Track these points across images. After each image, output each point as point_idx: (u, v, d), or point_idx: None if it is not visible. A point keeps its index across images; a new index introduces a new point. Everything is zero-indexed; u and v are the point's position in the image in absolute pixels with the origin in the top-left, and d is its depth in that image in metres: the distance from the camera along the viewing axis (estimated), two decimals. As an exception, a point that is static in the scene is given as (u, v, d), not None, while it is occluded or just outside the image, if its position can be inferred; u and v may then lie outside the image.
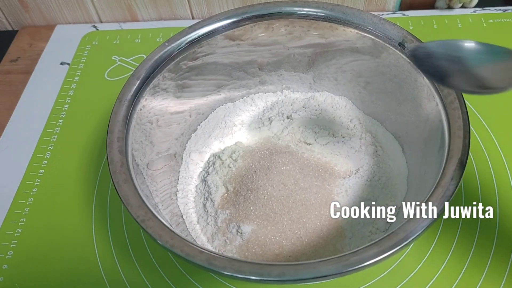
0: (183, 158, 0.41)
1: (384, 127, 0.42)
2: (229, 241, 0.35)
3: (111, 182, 0.31)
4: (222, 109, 0.44)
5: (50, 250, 0.38)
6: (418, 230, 0.26)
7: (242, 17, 0.39)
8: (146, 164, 0.35)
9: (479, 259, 0.35)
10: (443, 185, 0.27)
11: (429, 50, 0.30)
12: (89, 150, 0.45)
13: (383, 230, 0.35)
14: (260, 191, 0.36)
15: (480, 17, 0.54)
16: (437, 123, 0.32)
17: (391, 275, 0.35)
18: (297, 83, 0.45)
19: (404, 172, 0.38)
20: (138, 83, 0.35)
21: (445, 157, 0.29)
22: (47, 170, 0.44)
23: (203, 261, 0.25)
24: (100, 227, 0.39)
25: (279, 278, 0.25)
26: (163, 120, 0.38)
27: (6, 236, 0.39)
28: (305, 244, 0.34)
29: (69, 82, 0.52)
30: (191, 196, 0.39)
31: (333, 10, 0.38)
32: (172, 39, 0.38)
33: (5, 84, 0.53)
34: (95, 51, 0.55)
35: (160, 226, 0.27)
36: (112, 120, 0.33)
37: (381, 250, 0.25)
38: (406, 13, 0.56)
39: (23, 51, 0.57)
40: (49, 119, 0.48)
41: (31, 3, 0.57)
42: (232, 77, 0.43)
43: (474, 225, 0.37)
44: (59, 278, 0.37)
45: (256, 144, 0.42)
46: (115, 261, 0.37)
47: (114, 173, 0.30)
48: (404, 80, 0.37)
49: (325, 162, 0.40)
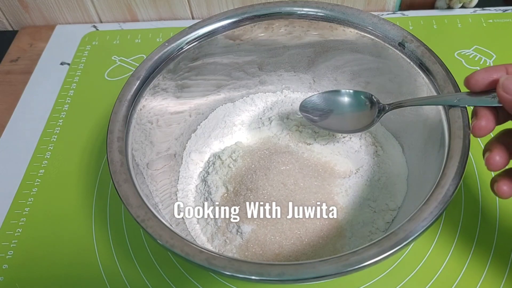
0: (183, 158, 0.41)
1: (384, 127, 0.42)
2: (229, 241, 0.35)
3: (111, 182, 0.31)
4: (222, 109, 0.44)
5: (50, 250, 0.38)
6: (418, 230, 0.26)
7: (242, 17, 0.39)
8: (146, 164, 0.35)
9: (479, 259, 0.35)
10: (443, 185, 0.27)
11: (312, 101, 0.40)
12: (89, 150, 0.45)
13: (383, 230, 0.35)
14: (260, 191, 0.36)
15: (480, 17, 0.54)
16: (437, 123, 0.32)
17: (391, 275, 0.35)
18: (297, 83, 0.45)
19: (404, 172, 0.38)
20: (138, 83, 0.35)
21: (445, 157, 0.29)
22: (47, 170, 0.44)
23: (203, 261, 0.25)
24: (100, 227, 0.39)
25: (279, 278, 0.25)
26: (163, 120, 0.38)
27: (6, 236, 0.39)
28: (305, 244, 0.34)
29: (69, 82, 0.52)
30: (191, 196, 0.39)
31: (333, 10, 0.38)
32: (172, 39, 0.38)
33: (5, 84, 0.53)
34: (95, 51, 0.55)
35: (160, 226, 0.27)
36: (112, 120, 0.33)
37: (381, 250, 0.25)
38: (406, 13, 0.56)
39: (23, 51, 0.57)
40: (49, 119, 0.48)
41: (31, 3, 0.57)
42: (232, 77, 0.43)
43: (474, 225, 0.37)
44: (59, 277, 0.37)
45: (256, 144, 0.42)
46: (115, 261, 0.37)
47: (114, 173, 0.30)
48: (404, 80, 0.37)
49: (325, 162, 0.40)
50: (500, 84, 0.28)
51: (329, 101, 0.40)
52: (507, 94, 0.27)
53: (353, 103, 0.39)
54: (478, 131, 0.29)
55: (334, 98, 0.40)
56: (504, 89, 0.27)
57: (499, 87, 0.28)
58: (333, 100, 0.40)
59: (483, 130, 0.29)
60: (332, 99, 0.40)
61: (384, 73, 0.39)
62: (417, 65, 0.35)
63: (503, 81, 0.28)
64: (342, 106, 0.39)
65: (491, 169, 0.28)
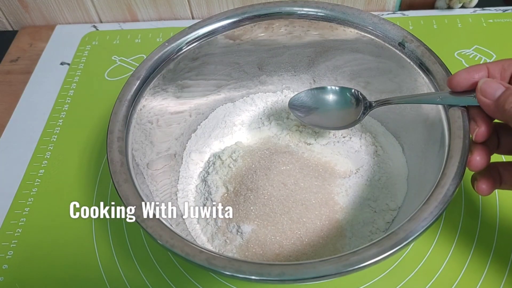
0: (183, 158, 0.41)
1: (384, 127, 0.42)
2: (229, 241, 0.35)
3: (111, 182, 0.31)
4: (222, 109, 0.44)
5: (50, 250, 0.38)
6: (418, 230, 0.26)
7: (242, 17, 0.39)
8: (146, 164, 0.35)
9: (479, 259, 0.35)
10: (443, 185, 0.27)
11: (300, 98, 0.40)
12: (89, 150, 0.45)
13: (383, 230, 0.35)
14: (260, 191, 0.36)
15: (480, 17, 0.54)
16: (437, 123, 0.32)
17: (391, 275, 0.35)
18: (297, 83, 0.45)
19: (404, 172, 0.38)
20: (138, 83, 0.35)
21: (445, 157, 0.29)
22: (47, 170, 0.44)
23: (203, 260, 0.25)
24: (100, 227, 0.39)
25: (279, 278, 0.25)
26: (163, 120, 0.38)
27: (6, 236, 0.39)
28: (305, 244, 0.34)
29: (69, 82, 0.52)
30: (191, 196, 0.39)
31: (333, 10, 0.38)
32: (172, 39, 0.38)
33: (5, 84, 0.53)
34: (95, 51, 0.55)
35: (160, 226, 0.27)
36: (112, 120, 0.33)
37: (381, 250, 0.25)
38: (406, 13, 0.56)
39: (23, 51, 0.57)
40: (49, 119, 0.48)
41: (31, 3, 0.57)
42: (232, 77, 0.43)
43: (474, 225, 0.37)
44: (59, 277, 0.37)
45: (256, 144, 0.42)
46: (115, 261, 0.37)
47: (114, 173, 0.30)
48: (404, 80, 0.37)
49: (325, 162, 0.40)
50: (478, 88, 0.29)
51: (317, 98, 0.40)
52: (485, 98, 0.28)
53: (339, 100, 0.40)
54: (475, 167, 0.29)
55: (321, 95, 0.40)
56: (482, 93, 0.28)
57: (478, 91, 0.29)
58: (321, 97, 0.40)
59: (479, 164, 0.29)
60: (319, 96, 0.40)
61: (384, 73, 0.39)
62: (417, 65, 0.35)
63: (481, 85, 0.29)
64: (328, 103, 0.40)
65: (472, 170, 0.29)
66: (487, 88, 0.28)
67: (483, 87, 0.28)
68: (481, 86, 0.28)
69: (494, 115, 0.28)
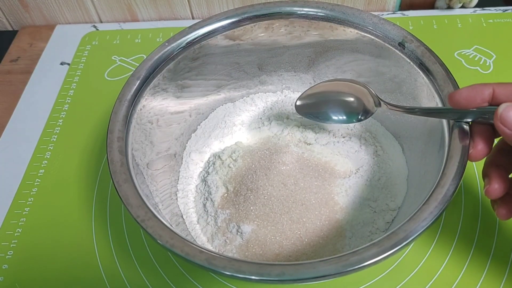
0: (183, 158, 0.41)
1: (384, 127, 0.42)
2: (229, 241, 0.35)
3: (111, 182, 0.31)
4: (222, 109, 0.44)
5: (50, 250, 0.38)
6: (418, 230, 0.26)
7: (242, 17, 0.39)
8: (146, 164, 0.35)
9: (479, 260, 0.35)
10: (443, 185, 0.27)
11: (303, 97, 0.39)
12: (89, 150, 0.45)
13: (383, 230, 0.35)
14: (260, 191, 0.36)
15: (480, 17, 0.54)
16: (437, 123, 0.32)
17: (391, 275, 0.35)
18: (297, 83, 0.45)
19: (404, 172, 0.38)
20: (138, 83, 0.35)
21: (445, 157, 0.29)
22: (47, 170, 0.44)
23: (203, 261, 0.26)
24: (100, 227, 0.39)
25: (279, 278, 0.25)
26: (163, 120, 0.38)
27: (6, 236, 0.39)
28: (305, 244, 0.34)
29: (69, 82, 0.52)
30: (191, 196, 0.39)
31: (333, 10, 0.38)
32: (172, 39, 0.38)
33: (5, 84, 0.53)
34: (95, 51, 0.55)
35: (160, 226, 0.27)
36: (112, 120, 0.33)
37: (381, 250, 0.25)
38: (406, 13, 0.56)
39: (23, 51, 0.57)
40: (49, 119, 0.48)
41: (31, 3, 0.57)
42: (232, 77, 0.43)
43: (474, 226, 0.37)
44: (59, 277, 0.37)
45: (256, 144, 0.42)
46: (115, 261, 0.37)
47: (114, 173, 0.30)
48: (404, 80, 0.37)
49: (325, 162, 0.40)
50: (498, 115, 0.25)
51: (326, 92, 0.39)
52: (506, 128, 0.25)
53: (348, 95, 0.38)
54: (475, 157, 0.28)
55: (331, 88, 0.39)
56: (504, 122, 0.25)
57: (497, 119, 0.25)
58: (329, 90, 0.39)
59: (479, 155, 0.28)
60: (328, 89, 0.39)
61: (384, 73, 0.39)
62: (417, 65, 0.35)
63: (501, 113, 0.25)
64: (338, 97, 0.38)
65: (492, 198, 0.28)
66: (509, 117, 0.25)
67: (504, 116, 0.25)
68: (501, 114, 0.25)
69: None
